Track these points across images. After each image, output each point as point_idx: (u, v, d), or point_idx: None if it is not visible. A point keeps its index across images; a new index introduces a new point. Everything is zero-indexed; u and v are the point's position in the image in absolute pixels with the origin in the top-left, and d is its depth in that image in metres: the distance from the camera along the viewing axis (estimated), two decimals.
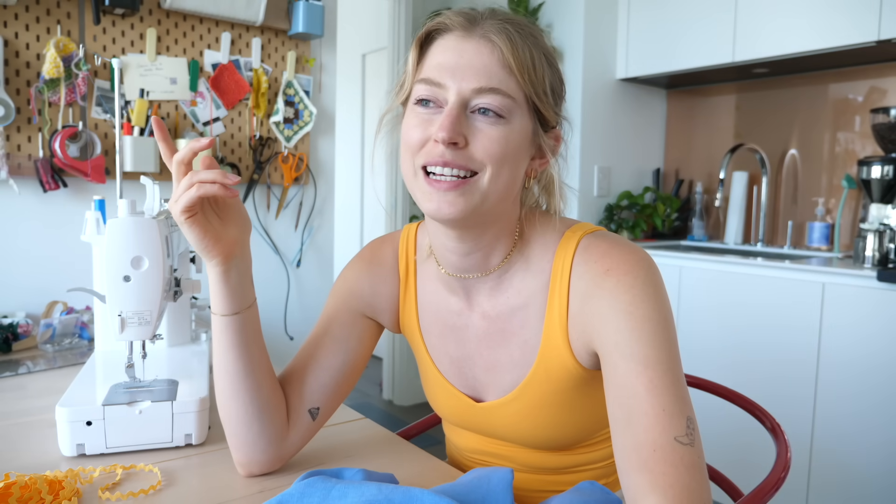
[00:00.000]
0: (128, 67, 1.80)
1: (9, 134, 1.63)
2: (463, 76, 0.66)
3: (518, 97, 0.67)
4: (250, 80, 2.01)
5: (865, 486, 1.84)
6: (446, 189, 0.66)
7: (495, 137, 0.66)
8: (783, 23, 2.23)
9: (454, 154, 0.66)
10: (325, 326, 0.85)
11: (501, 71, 0.66)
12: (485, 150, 0.66)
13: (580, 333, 0.71)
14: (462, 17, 0.68)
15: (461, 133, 0.66)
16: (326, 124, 2.23)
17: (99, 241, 1.10)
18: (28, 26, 1.64)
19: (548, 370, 0.75)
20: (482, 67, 0.66)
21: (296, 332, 2.19)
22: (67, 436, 0.81)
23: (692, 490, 0.58)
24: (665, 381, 0.62)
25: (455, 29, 0.68)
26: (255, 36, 2.02)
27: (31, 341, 1.45)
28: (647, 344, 0.64)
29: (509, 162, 0.68)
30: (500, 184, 0.68)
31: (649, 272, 0.68)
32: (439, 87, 0.67)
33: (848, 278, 1.88)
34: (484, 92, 0.66)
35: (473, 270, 0.76)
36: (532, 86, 0.67)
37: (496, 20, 0.68)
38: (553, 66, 0.71)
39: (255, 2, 1.94)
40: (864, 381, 1.84)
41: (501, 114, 0.66)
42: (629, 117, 2.86)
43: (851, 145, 2.44)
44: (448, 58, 0.67)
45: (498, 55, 0.66)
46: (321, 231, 2.24)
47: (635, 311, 0.65)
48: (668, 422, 0.61)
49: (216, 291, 0.73)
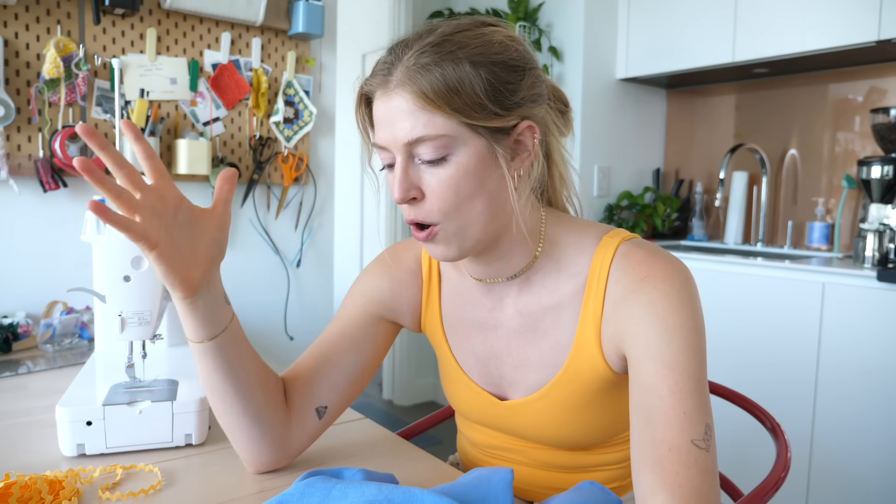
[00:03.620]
0: (128, 67, 1.80)
1: (9, 134, 1.63)
2: (394, 135, 0.66)
3: (450, 130, 0.65)
4: (250, 80, 2.01)
5: (865, 486, 1.84)
6: (424, 240, 0.70)
7: (443, 183, 0.66)
8: (783, 23, 2.23)
9: (416, 209, 0.68)
10: (340, 327, 0.84)
11: (423, 115, 0.65)
12: (438, 203, 0.67)
13: (612, 335, 0.72)
14: (380, 73, 0.68)
15: (414, 187, 0.67)
16: (326, 124, 2.23)
17: (99, 241, 1.10)
18: (28, 26, 1.64)
19: (578, 370, 0.75)
20: (405, 119, 0.65)
21: (296, 332, 2.19)
22: (67, 436, 0.81)
23: (702, 492, 0.59)
24: (689, 387, 0.63)
25: (377, 89, 0.68)
26: (255, 36, 2.02)
27: (31, 341, 1.45)
28: (677, 349, 0.65)
29: (466, 199, 0.67)
30: (468, 220, 0.68)
31: (686, 282, 0.69)
32: (386, 151, 0.69)
33: (848, 278, 1.88)
34: (414, 143, 0.66)
35: (497, 276, 0.78)
36: (459, 112, 0.64)
37: (408, 57, 0.65)
38: (487, 63, 0.65)
39: (255, 2, 1.94)
40: (864, 381, 1.84)
41: (440, 156, 0.66)
42: (629, 117, 2.86)
43: (851, 145, 2.44)
44: (380, 119, 0.68)
45: (411, 102, 0.65)
46: (321, 231, 2.24)
47: (669, 318, 0.66)
48: (687, 424, 0.61)
49: (185, 321, 0.69)
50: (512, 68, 0.68)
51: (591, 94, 2.66)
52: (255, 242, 2.09)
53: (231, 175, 0.68)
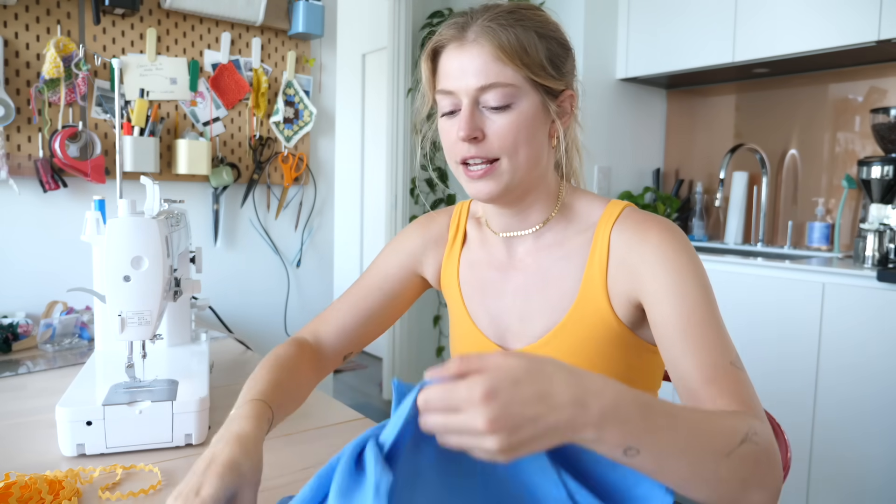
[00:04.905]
0: (128, 67, 1.80)
1: (9, 134, 1.63)
2: (466, 80, 0.76)
3: (517, 81, 0.75)
4: (250, 80, 2.01)
5: (865, 486, 1.84)
6: (478, 177, 0.78)
7: (506, 126, 0.76)
8: (783, 23, 2.23)
9: (477, 147, 0.77)
10: (378, 281, 0.95)
11: (496, 65, 0.75)
12: (500, 141, 0.76)
13: (621, 283, 0.78)
14: (454, 28, 0.78)
15: (478, 128, 0.76)
16: (326, 124, 2.23)
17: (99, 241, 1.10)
18: (28, 26, 1.64)
19: (583, 316, 0.80)
20: (479, 68, 0.75)
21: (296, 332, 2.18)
22: (67, 436, 0.81)
23: (756, 401, 0.66)
24: (713, 318, 0.71)
25: (450, 41, 0.78)
26: (255, 36, 2.01)
27: (31, 341, 1.45)
28: (694, 287, 0.72)
29: (523, 142, 0.77)
30: (520, 161, 0.78)
31: (683, 234, 0.78)
32: (452, 95, 0.77)
33: (848, 278, 1.88)
34: (485, 89, 0.75)
35: (516, 228, 0.86)
36: (527, 67, 0.75)
37: (482, 20, 0.76)
38: (547, 35, 0.78)
39: (255, 2, 1.94)
40: (864, 381, 1.84)
41: (506, 103, 0.75)
42: (629, 117, 2.86)
43: (851, 145, 2.44)
44: (452, 68, 0.77)
45: (488, 53, 0.75)
46: (321, 231, 2.24)
47: (678, 259, 0.74)
48: (723, 348, 0.69)
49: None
50: (562, 45, 0.81)
51: (591, 93, 2.66)
52: (255, 242, 2.09)
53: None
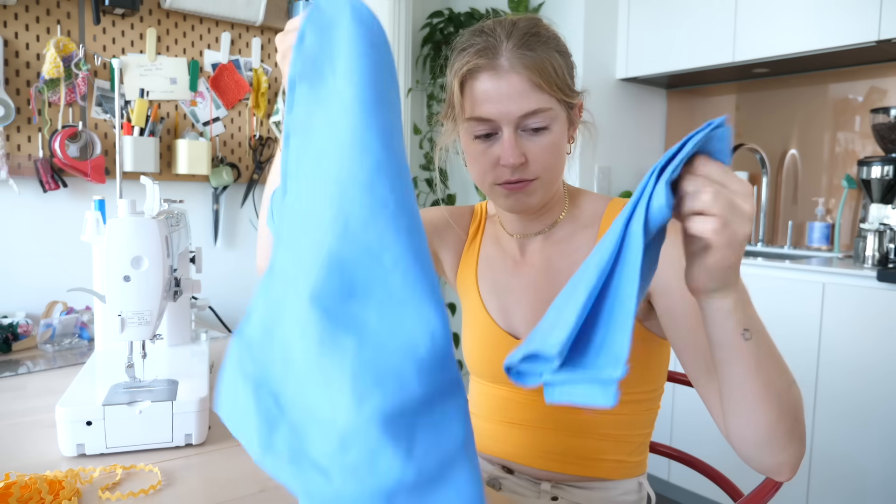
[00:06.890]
0: (128, 67, 1.80)
1: (9, 134, 1.63)
2: (507, 108, 0.78)
3: (553, 104, 0.80)
4: (250, 80, 2.01)
5: (865, 486, 1.84)
6: (519, 190, 0.82)
7: (546, 148, 0.80)
8: (783, 23, 2.23)
9: (519, 171, 0.81)
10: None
11: (535, 92, 0.78)
12: (541, 164, 0.81)
13: None
14: (484, 56, 0.78)
15: (521, 154, 0.80)
16: None
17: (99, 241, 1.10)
18: (28, 26, 1.64)
19: None
20: (520, 95, 0.77)
21: None
22: (67, 436, 0.81)
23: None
24: None
25: (484, 70, 0.78)
26: (255, 36, 2.02)
27: (31, 341, 1.45)
28: None
29: (559, 160, 0.83)
30: (554, 177, 0.84)
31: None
32: (488, 122, 0.79)
33: (848, 278, 1.88)
34: (528, 116, 0.78)
35: (530, 230, 0.92)
36: (559, 90, 0.79)
37: (513, 46, 0.77)
38: (562, 51, 0.82)
39: (255, 2, 1.94)
40: (864, 381, 1.84)
41: (545, 125, 0.79)
42: (629, 117, 2.86)
43: (851, 145, 2.44)
44: (489, 95, 0.78)
45: (527, 80, 0.77)
46: None
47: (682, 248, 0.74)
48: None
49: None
50: (569, 57, 0.84)
51: (591, 94, 2.66)
52: (255, 242, 2.09)
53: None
